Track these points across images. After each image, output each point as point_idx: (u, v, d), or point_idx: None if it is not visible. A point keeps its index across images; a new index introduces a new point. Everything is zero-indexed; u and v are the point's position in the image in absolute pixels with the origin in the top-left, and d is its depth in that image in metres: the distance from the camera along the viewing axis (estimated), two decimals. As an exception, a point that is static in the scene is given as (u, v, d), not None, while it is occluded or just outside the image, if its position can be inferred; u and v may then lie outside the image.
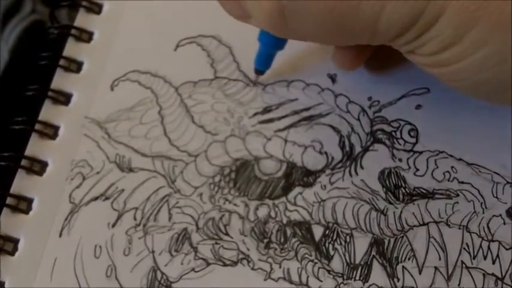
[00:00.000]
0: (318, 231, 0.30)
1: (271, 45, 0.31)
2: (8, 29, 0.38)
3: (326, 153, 0.31)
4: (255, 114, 0.33)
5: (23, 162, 0.33)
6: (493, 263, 0.28)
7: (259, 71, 0.33)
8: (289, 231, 0.30)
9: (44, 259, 0.31)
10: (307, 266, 0.29)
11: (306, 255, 0.29)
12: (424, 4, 0.23)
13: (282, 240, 0.30)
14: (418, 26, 0.24)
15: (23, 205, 0.32)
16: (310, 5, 0.24)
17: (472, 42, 0.23)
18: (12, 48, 0.37)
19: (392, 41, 0.25)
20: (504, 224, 0.28)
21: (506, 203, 0.29)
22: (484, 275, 0.28)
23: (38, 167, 0.33)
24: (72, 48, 0.36)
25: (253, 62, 0.33)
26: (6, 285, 0.30)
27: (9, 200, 0.32)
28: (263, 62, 0.33)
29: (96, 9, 0.38)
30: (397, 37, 0.25)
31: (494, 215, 0.29)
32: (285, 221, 0.30)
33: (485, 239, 0.28)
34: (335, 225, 0.30)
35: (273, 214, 0.30)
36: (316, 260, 0.29)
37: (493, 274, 0.28)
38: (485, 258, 0.28)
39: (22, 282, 0.30)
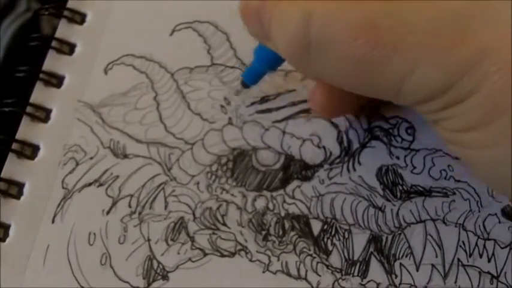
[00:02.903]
0: (316, 226, 0.30)
1: (266, 63, 0.29)
2: (3, 27, 0.37)
3: (324, 147, 0.31)
4: (253, 103, 0.33)
5: (14, 145, 0.33)
6: (489, 261, 0.28)
7: (246, 85, 0.31)
8: (287, 224, 0.30)
9: (36, 246, 0.30)
10: (306, 260, 0.29)
11: (305, 249, 0.29)
12: (460, 75, 0.20)
13: (280, 233, 0.30)
14: (446, 97, 0.21)
15: (14, 190, 0.32)
16: (341, 46, 0.22)
17: (497, 133, 0.20)
18: (7, 46, 0.36)
19: (417, 105, 0.23)
20: (499, 222, 0.29)
21: (501, 202, 0.29)
22: (480, 273, 0.28)
23: (29, 151, 0.33)
24: (64, 30, 0.36)
25: (242, 74, 0.31)
26: (-3, 273, 0.30)
27: (-1, 185, 0.32)
28: (252, 78, 0.31)
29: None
30: (422, 103, 0.23)
31: (489, 214, 0.29)
32: (283, 214, 0.30)
33: (481, 237, 0.29)
34: (333, 220, 0.30)
35: (271, 206, 0.30)
36: (314, 255, 0.29)
37: (488, 272, 0.28)
38: (481, 256, 0.28)
39: (14, 269, 0.30)
